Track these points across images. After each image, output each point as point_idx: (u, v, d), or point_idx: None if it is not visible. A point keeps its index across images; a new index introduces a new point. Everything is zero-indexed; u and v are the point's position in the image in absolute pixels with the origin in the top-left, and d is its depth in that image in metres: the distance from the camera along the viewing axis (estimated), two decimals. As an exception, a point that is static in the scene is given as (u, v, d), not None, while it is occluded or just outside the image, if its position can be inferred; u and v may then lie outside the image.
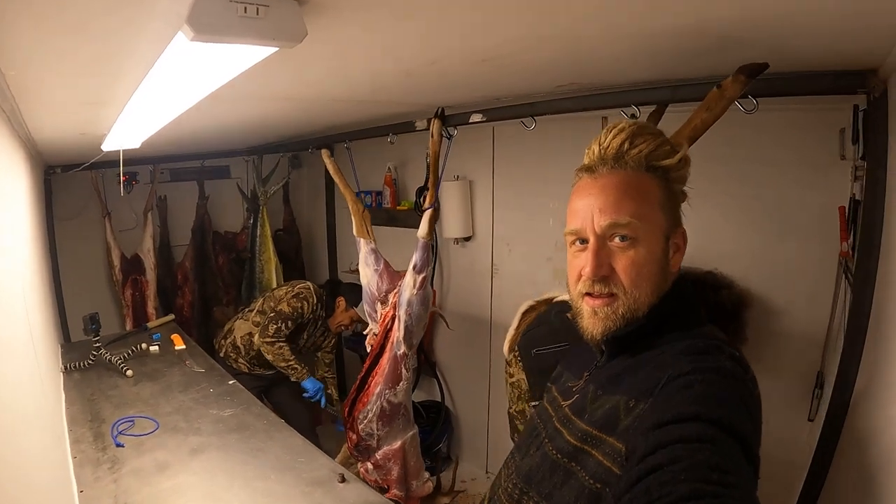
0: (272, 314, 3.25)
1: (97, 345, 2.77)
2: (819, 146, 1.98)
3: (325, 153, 3.17)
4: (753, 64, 1.34)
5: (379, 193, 4.07)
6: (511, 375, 2.19)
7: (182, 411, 2.30)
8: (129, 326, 3.97)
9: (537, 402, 1.40)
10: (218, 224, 4.67)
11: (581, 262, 1.06)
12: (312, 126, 3.13)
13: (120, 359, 2.75)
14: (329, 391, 3.61)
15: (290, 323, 3.26)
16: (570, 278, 1.11)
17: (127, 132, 2.28)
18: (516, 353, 2.14)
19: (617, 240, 1.04)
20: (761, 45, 1.32)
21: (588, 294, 1.06)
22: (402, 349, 2.75)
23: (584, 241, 1.07)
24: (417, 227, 2.63)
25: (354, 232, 3.00)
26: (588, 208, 1.06)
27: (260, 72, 1.16)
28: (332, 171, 3.14)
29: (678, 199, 1.12)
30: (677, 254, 1.09)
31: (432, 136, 2.51)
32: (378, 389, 2.81)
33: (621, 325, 1.04)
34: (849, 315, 1.66)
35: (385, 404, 2.80)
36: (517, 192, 3.24)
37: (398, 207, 3.92)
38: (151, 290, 4.05)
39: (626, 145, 1.08)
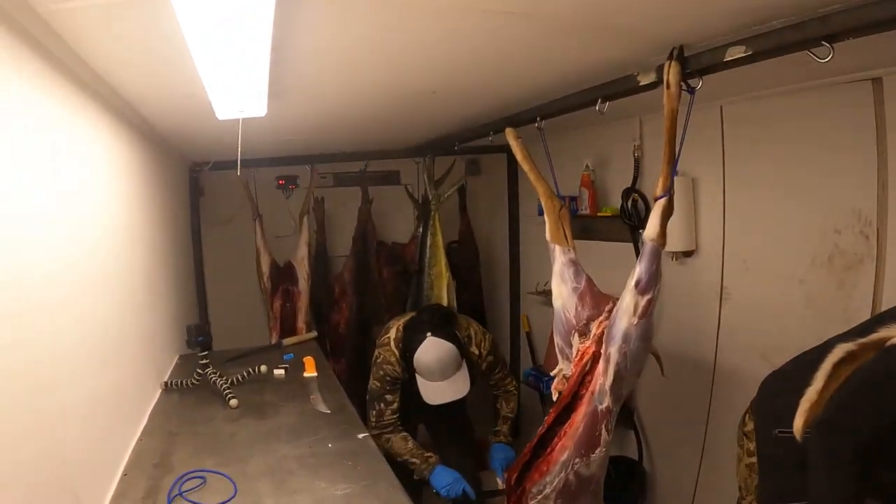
0: (367, 397, 2.47)
1: (203, 361, 2.17)
2: None
3: (509, 132, 2.33)
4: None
5: (574, 199, 3.14)
6: (750, 454, 1.61)
7: (277, 473, 1.56)
8: (273, 341, 3.40)
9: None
10: (384, 234, 4.09)
11: None
12: (492, 95, 2.26)
13: (229, 383, 2.10)
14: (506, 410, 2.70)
15: (387, 398, 2.41)
16: None
17: (234, 83, 1.59)
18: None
19: None
20: None
21: None
22: (606, 402, 1.82)
23: None
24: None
25: (548, 237, 2.15)
26: None
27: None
28: (519, 156, 2.29)
29: None
30: None
31: (667, 88, 1.59)
32: (566, 456, 1.92)
33: None
34: None
35: (572, 477, 1.91)
36: (757, 191, 2.31)
37: (598, 214, 2.97)
38: (303, 303, 3.47)
39: None
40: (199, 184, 3.70)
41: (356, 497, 1.43)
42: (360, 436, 1.75)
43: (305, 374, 2.23)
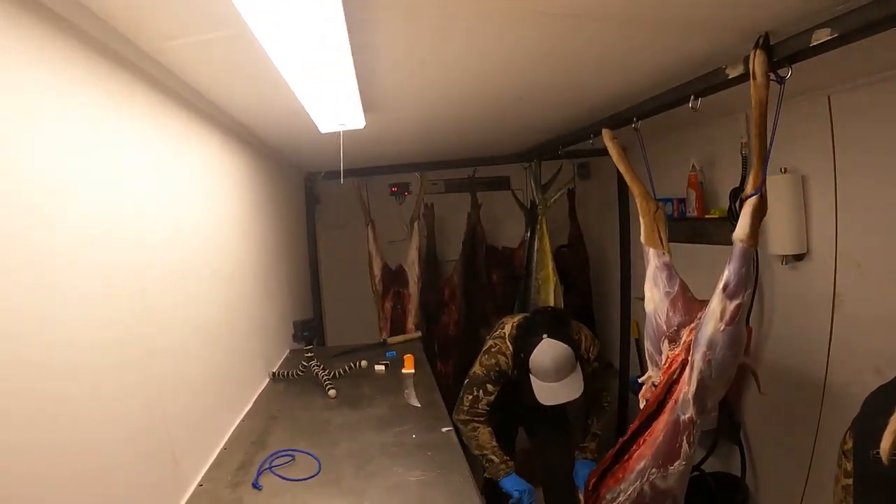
0: (466, 381, 2.43)
1: (308, 355, 2.34)
2: None
3: (606, 133, 2.29)
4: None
5: (682, 201, 3.01)
6: (847, 475, 1.47)
7: (360, 457, 1.68)
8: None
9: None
10: (495, 238, 4.14)
11: None
12: (581, 99, 2.24)
13: (331, 375, 2.26)
14: (596, 427, 2.63)
15: (488, 387, 2.37)
16: None
17: (329, 103, 1.78)
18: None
19: None
20: None
21: None
22: (690, 413, 1.74)
23: None
24: (730, 242, 1.66)
25: (642, 239, 2.11)
26: None
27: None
28: (614, 157, 2.25)
29: None
30: None
31: (754, 78, 1.50)
32: (642, 465, 1.87)
33: None
34: None
35: (647, 488, 1.85)
36: (872, 187, 2.08)
37: (707, 217, 2.83)
38: (413, 305, 3.60)
39: None
40: (315, 192, 3.95)
41: (428, 484, 1.50)
42: (444, 429, 1.81)
43: (403, 371, 2.34)
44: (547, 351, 2.27)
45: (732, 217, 2.59)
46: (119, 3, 1.06)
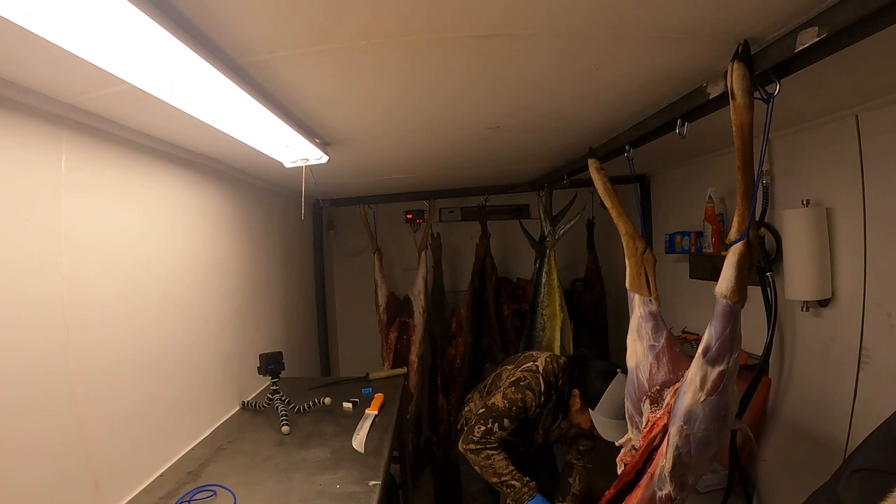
0: (482, 410, 2.18)
1: (274, 388, 2.18)
2: None
3: (592, 164, 2.02)
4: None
5: (699, 234, 2.67)
6: None
7: (277, 502, 1.52)
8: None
9: None
10: (509, 270, 3.87)
11: None
12: (561, 126, 1.97)
13: (296, 410, 2.16)
14: (576, 487, 2.39)
15: (505, 422, 2.13)
16: None
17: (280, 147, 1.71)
18: None
19: None
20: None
21: None
22: (667, 490, 1.47)
23: None
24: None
25: (627, 284, 1.84)
26: None
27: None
28: (600, 189, 1.98)
29: None
30: None
31: (732, 99, 1.22)
32: None
33: None
34: None
35: None
36: None
37: (724, 253, 2.45)
38: (417, 336, 3.35)
39: None
40: (329, 218, 3.79)
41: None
42: (371, 483, 1.57)
43: (367, 411, 2.11)
44: (623, 387, 2.04)
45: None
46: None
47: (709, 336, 1.34)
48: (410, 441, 3.40)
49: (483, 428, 2.13)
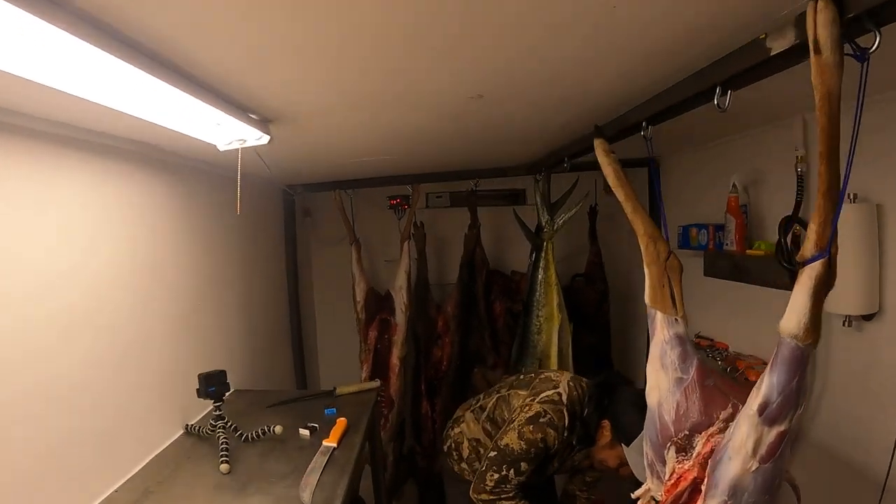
0: (494, 453, 1.82)
1: (217, 413, 1.77)
2: None
3: (599, 145, 1.64)
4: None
5: (719, 228, 2.29)
6: None
7: None
8: (364, 376, 2.96)
9: None
10: (503, 262, 3.48)
11: None
12: (573, 94, 1.56)
13: (231, 440, 1.74)
14: None
15: (522, 466, 1.78)
16: None
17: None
18: None
19: None
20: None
21: None
22: None
23: None
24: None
25: (647, 299, 1.44)
26: None
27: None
28: (610, 178, 1.64)
29: None
30: None
31: (815, 53, 0.82)
32: None
33: None
34: None
35: None
36: None
37: (748, 252, 2.10)
38: (399, 336, 2.98)
39: None
40: (305, 204, 3.39)
41: None
42: None
43: (324, 442, 1.72)
44: None
45: (782, 257, 1.86)
46: None
47: (769, 388, 0.96)
48: (392, 450, 3.05)
49: (497, 476, 1.78)
